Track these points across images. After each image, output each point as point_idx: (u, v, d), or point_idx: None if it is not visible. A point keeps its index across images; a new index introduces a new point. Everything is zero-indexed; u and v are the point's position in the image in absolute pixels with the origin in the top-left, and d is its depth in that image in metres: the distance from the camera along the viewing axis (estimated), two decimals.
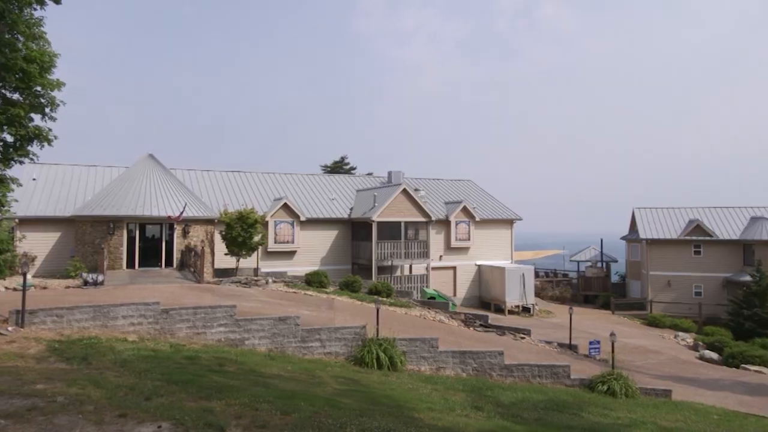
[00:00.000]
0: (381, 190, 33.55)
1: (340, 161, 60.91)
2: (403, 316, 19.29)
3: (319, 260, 31.62)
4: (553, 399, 11.60)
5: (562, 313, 29.98)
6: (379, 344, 12.66)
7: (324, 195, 34.76)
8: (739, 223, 40.11)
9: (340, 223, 32.73)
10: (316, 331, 13.22)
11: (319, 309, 17.23)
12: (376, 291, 23.64)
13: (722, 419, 12.41)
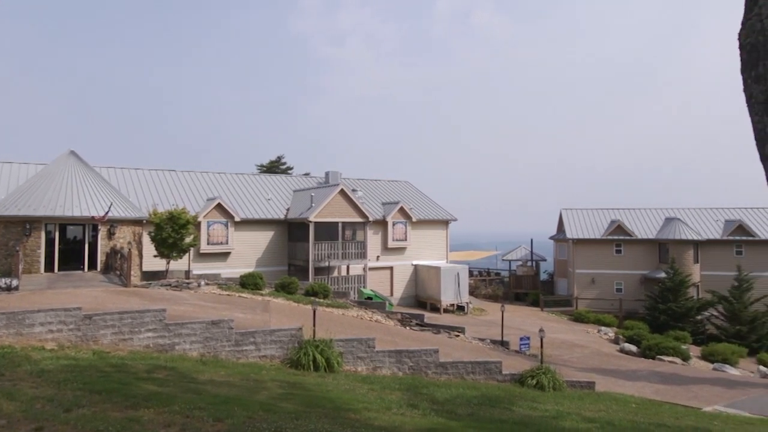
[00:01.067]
0: (318, 190, 33.34)
1: (276, 161, 59.97)
2: (340, 317, 19.25)
3: (254, 262, 30.99)
4: (485, 394, 11.95)
5: (495, 310, 30.94)
6: (316, 346, 12.58)
7: (260, 195, 34.11)
8: (656, 223, 42.92)
9: (277, 223, 32.23)
10: (251, 334, 12.96)
11: (254, 311, 16.88)
12: (313, 292, 23.46)
13: (640, 407, 13.24)
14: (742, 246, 40.41)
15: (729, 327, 33.14)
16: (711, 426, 11.41)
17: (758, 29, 4.70)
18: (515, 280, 45.60)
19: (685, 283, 36.05)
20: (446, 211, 39.72)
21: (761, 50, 4.65)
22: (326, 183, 36.48)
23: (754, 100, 4.66)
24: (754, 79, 4.67)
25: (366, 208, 33.14)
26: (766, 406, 15.39)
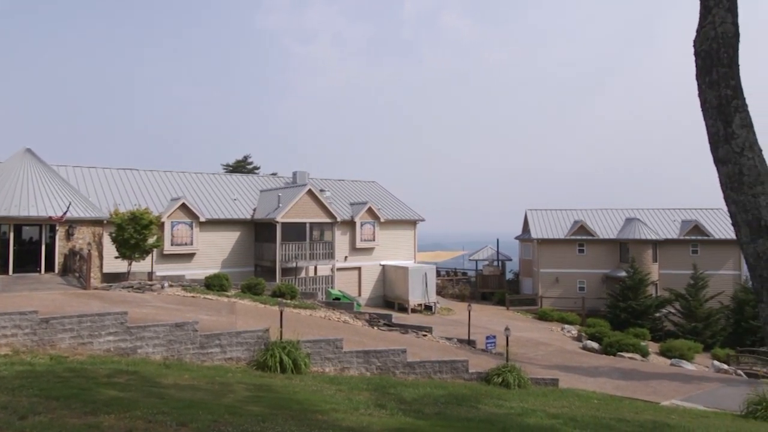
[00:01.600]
0: (286, 190, 33.05)
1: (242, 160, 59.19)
2: (307, 318, 19.13)
3: (219, 263, 30.50)
4: (452, 393, 12.07)
5: (462, 310, 31.26)
6: (283, 347, 12.47)
7: (226, 195, 33.60)
8: (616, 223, 44.13)
9: (243, 224, 31.80)
10: (216, 336, 12.75)
11: (219, 313, 16.61)
12: (280, 293, 23.24)
13: (601, 403, 13.60)
14: (698, 245, 41.93)
15: (685, 324, 34.35)
16: (669, 420, 11.79)
17: (712, 37, 4.90)
18: (482, 280, 46.18)
19: (645, 281, 37.19)
20: (414, 211, 39.93)
21: (715, 57, 4.84)
22: (294, 183, 36.20)
23: (708, 104, 4.86)
24: (708, 84, 4.86)
25: (334, 209, 33.03)
26: (720, 400, 16.01)
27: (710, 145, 4.80)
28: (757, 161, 4.48)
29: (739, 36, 4.84)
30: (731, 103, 4.67)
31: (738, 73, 4.79)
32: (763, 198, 4.35)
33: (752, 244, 4.35)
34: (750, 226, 4.37)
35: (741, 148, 4.54)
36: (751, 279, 4.44)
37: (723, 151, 4.62)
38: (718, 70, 4.80)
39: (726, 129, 4.64)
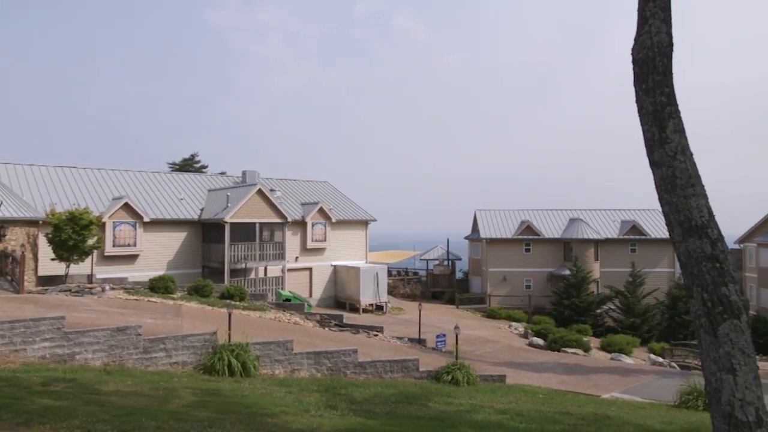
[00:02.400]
0: (235, 190, 32.38)
1: (190, 159, 57.59)
2: (257, 320, 18.81)
3: (165, 264, 29.54)
4: (403, 392, 12.15)
5: (413, 309, 31.55)
6: (231, 350, 12.20)
7: (172, 194, 32.58)
8: (561, 223, 45.67)
9: (190, 224, 30.93)
10: (161, 340, 12.33)
11: (164, 316, 16.09)
12: (228, 295, 22.75)
13: (546, 397, 14.03)
14: (636, 244, 43.96)
15: (624, 319, 35.94)
16: (609, 411, 12.30)
17: (648, 46, 5.15)
18: (432, 279, 46.75)
19: (587, 279, 38.67)
20: (366, 211, 39.97)
21: (651, 65, 5.09)
22: (243, 183, 35.51)
23: (644, 110, 5.10)
24: (645, 91, 5.11)
25: (284, 209, 32.62)
26: (656, 391, 16.82)
27: (646, 149, 5.05)
28: (688, 164, 4.74)
29: (672, 46, 5.11)
30: (665, 109, 4.92)
31: (671, 81, 5.06)
32: (694, 199, 4.61)
33: (684, 243, 4.60)
34: (682, 226, 4.62)
35: (674, 152, 4.79)
36: (683, 276, 4.69)
37: (658, 155, 4.86)
38: (653, 78, 5.05)
39: (661, 134, 4.89)
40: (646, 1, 5.15)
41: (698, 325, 4.43)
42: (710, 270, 4.37)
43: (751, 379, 4.13)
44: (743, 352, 4.19)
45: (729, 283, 4.34)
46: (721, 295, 4.30)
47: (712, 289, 4.33)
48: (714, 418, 4.24)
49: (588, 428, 9.86)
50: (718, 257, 4.40)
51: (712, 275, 4.36)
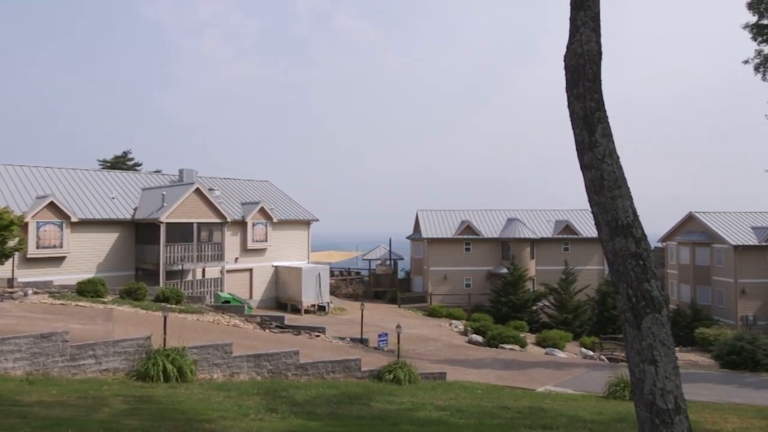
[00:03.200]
0: (171, 189, 31.25)
1: (122, 156, 55.09)
2: (194, 323, 18.25)
3: (95, 267, 28.11)
4: (345, 392, 12.14)
5: (355, 309, 31.56)
6: (167, 355, 11.77)
7: (102, 193, 31.03)
8: (499, 223, 46.98)
9: (122, 224, 29.57)
10: (90, 347, 11.73)
11: (94, 321, 15.32)
12: (164, 298, 21.94)
13: (485, 393, 14.42)
14: (569, 243, 45.90)
15: (558, 315, 37.44)
16: (543, 404, 12.78)
17: (579, 53, 5.39)
18: (375, 279, 46.93)
19: (523, 277, 40.01)
20: (308, 211, 39.60)
21: (581, 72, 5.33)
22: (180, 181, 34.31)
23: (575, 115, 5.33)
24: (576, 96, 5.34)
25: (224, 208, 31.80)
26: (587, 383, 17.64)
27: (577, 152, 5.28)
28: (615, 167, 5.00)
29: (601, 54, 5.37)
30: (595, 114, 5.16)
31: (600, 88, 5.32)
32: (620, 201, 4.87)
33: (611, 242, 4.85)
34: (609, 226, 4.86)
35: (602, 155, 5.04)
36: (610, 273, 4.94)
37: (587, 158, 5.09)
38: (584, 84, 5.29)
39: (590, 138, 5.13)
40: (577, 11, 5.39)
41: (624, 319, 4.68)
42: (634, 267, 4.63)
43: (671, 369, 4.41)
44: (664, 344, 4.46)
45: (651, 279, 4.61)
46: (644, 291, 4.56)
47: (636, 285, 4.59)
48: (638, 406, 4.50)
49: (524, 421, 10.21)
50: (641, 255, 4.67)
51: (636, 272, 4.62)
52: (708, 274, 42.66)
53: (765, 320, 38.90)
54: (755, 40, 26.37)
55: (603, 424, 10.21)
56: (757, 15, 26.21)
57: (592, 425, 10.00)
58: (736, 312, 39.65)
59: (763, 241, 40.41)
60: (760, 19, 26.14)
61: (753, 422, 11.20)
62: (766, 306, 39.83)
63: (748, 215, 43.96)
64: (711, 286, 42.32)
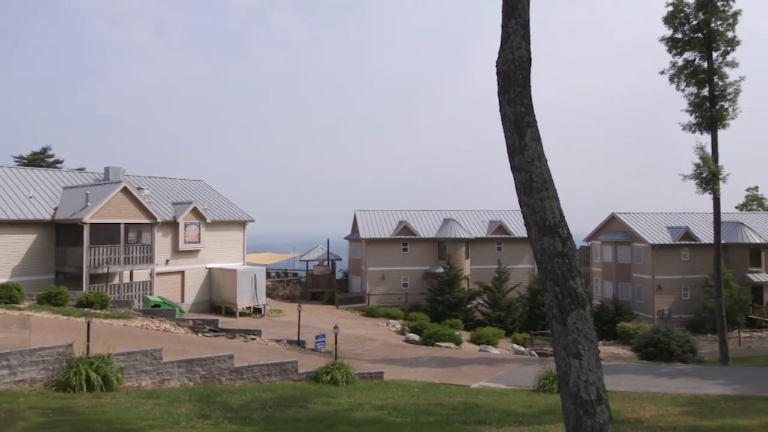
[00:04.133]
0: (96, 187, 29.65)
1: (41, 153, 51.70)
2: (121, 329, 17.40)
3: (9, 270, 26.22)
4: (281, 395, 11.96)
5: (292, 311, 31.17)
6: (90, 363, 11.14)
7: (18, 192, 28.97)
8: (435, 223, 47.84)
9: (41, 225, 27.74)
10: (4, 357, 10.91)
11: (8, 330, 14.28)
12: (87, 303, 20.78)
13: (421, 391, 14.63)
14: (502, 243, 47.44)
15: (491, 313, 38.60)
16: (477, 400, 13.13)
17: (510, 59, 5.58)
18: (312, 280, 46.55)
19: (459, 276, 40.97)
20: (243, 211, 38.71)
21: (512, 77, 5.53)
22: (106, 180, 32.61)
23: (506, 119, 5.52)
24: (507, 101, 5.53)
25: (154, 208, 30.52)
26: (518, 378, 18.27)
27: (508, 155, 5.48)
28: (543, 170, 5.22)
29: (531, 60, 5.59)
30: (524, 119, 5.37)
31: (530, 93, 5.53)
32: (548, 202, 5.09)
33: (539, 242, 5.06)
34: (538, 226, 5.08)
35: (531, 158, 5.25)
36: (538, 271, 5.16)
37: (518, 161, 5.29)
38: (514, 89, 5.49)
39: (520, 141, 5.33)
40: (509, 18, 5.58)
41: (551, 315, 4.89)
42: (561, 266, 4.86)
43: (594, 362, 4.66)
44: (587, 338, 4.71)
45: (576, 277, 4.85)
46: (570, 288, 4.79)
47: (562, 283, 4.82)
48: (563, 398, 4.72)
49: (459, 417, 10.45)
50: (567, 254, 4.90)
51: (562, 270, 4.84)
52: (629, 272, 45.35)
53: (679, 314, 41.85)
54: (670, 53, 28.37)
55: (533, 416, 10.61)
56: (672, 29, 28.21)
57: (522, 418, 10.38)
58: (653, 306, 42.40)
59: (677, 240, 43.43)
60: (674, 33, 28.13)
61: (668, 409, 11.99)
62: (679, 300, 42.86)
63: (664, 216, 47.12)
64: (631, 283, 45.03)
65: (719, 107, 26.87)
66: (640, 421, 10.24)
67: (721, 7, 26.59)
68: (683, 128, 27.96)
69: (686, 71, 27.56)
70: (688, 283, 42.70)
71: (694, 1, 27.12)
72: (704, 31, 26.99)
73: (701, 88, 27.35)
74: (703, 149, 26.87)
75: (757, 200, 70.14)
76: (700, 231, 43.62)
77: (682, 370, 20.12)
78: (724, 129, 27.13)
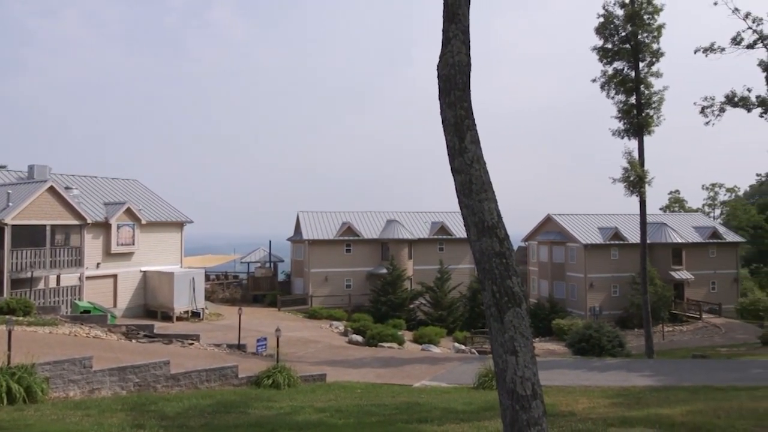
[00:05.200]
0: (18, 186, 27.84)
1: None
2: (47, 337, 16.42)
3: None
4: (221, 401, 11.66)
5: (233, 314, 30.45)
6: (12, 373, 10.44)
7: None
8: (379, 224, 48.06)
9: None
10: None
11: None
12: (8, 309, 19.49)
13: (364, 392, 14.65)
14: (444, 244, 48.26)
15: (433, 312, 39.21)
16: (419, 399, 13.29)
17: (451, 63, 5.69)
18: (253, 282, 45.64)
19: (402, 277, 41.35)
20: (181, 212, 37.43)
21: (452, 81, 5.64)
22: (30, 179, 30.66)
23: (447, 122, 5.62)
24: (448, 104, 5.64)
25: (83, 209, 28.99)
26: (459, 376, 18.64)
27: (449, 157, 5.58)
28: (482, 172, 5.36)
29: (470, 65, 5.72)
30: (464, 122, 5.49)
31: (469, 97, 5.66)
32: (486, 203, 5.22)
33: (478, 242, 5.18)
34: (477, 227, 5.20)
35: (471, 160, 5.37)
36: (477, 271, 5.28)
37: (458, 163, 5.40)
38: (454, 93, 5.60)
39: (460, 144, 5.44)
40: (449, 23, 5.69)
41: (489, 314, 5.03)
42: (498, 265, 5.00)
43: (529, 358, 4.82)
44: (523, 336, 4.87)
45: (513, 276, 5.00)
46: (507, 287, 4.94)
47: (500, 282, 4.96)
48: (500, 394, 4.86)
49: (401, 416, 10.54)
50: (504, 254, 5.05)
51: (499, 270, 4.98)
52: (563, 271, 47.27)
53: (609, 310, 44.04)
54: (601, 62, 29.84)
55: (473, 413, 10.85)
56: (603, 39, 29.68)
57: (462, 415, 10.60)
58: (585, 304, 44.41)
59: (607, 240, 45.66)
60: (605, 43, 29.61)
61: (599, 401, 12.58)
62: (609, 297, 45.09)
63: (596, 217, 49.43)
64: (565, 281, 46.95)
65: (645, 114, 28.51)
66: (574, 413, 10.68)
67: (647, 20, 28.23)
68: (613, 134, 29.48)
69: (616, 80, 29.06)
70: (617, 281, 45.01)
71: (623, 14, 28.64)
72: (632, 42, 28.56)
73: (629, 96, 28.92)
74: (630, 154, 28.41)
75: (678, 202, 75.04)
76: (628, 231, 46.05)
77: (611, 364, 21.17)
78: (649, 135, 28.81)
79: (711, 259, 48.29)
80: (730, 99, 44.59)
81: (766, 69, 31.72)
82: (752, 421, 9.23)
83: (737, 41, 43.59)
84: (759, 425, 8.96)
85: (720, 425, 8.92)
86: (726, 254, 49.01)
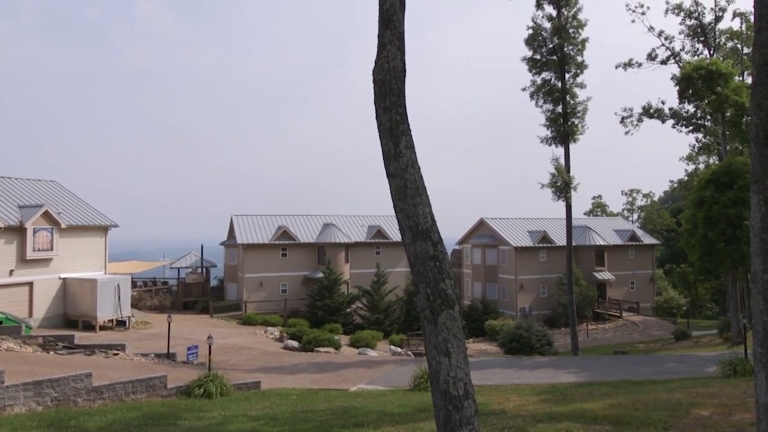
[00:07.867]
0: None
1: None
2: None
3: None
4: (148, 413, 11.15)
5: (162, 322, 29.19)
6: None
7: None
8: (315, 228, 47.66)
9: None
10: None
11: None
12: None
13: (300, 398, 14.45)
14: (380, 247, 48.52)
15: (370, 316, 39.29)
16: (355, 403, 13.27)
17: (386, 69, 5.75)
18: (184, 289, 43.97)
19: (338, 281, 41.16)
20: (104, 216, 35.48)
21: (388, 87, 5.69)
22: None
23: (383, 127, 5.67)
24: (383, 109, 5.69)
25: None
26: (395, 378, 18.78)
27: (384, 162, 5.62)
28: (417, 177, 5.44)
29: (405, 71, 5.80)
30: (399, 127, 5.56)
31: (404, 102, 5.74)
32: (421, 207, 5.30)
33: (413, 246, 5.25)
34: (412, 231, 5.27)
35: (406, 165, 5.44)
36: (412, 274, 5.35)
37: (393, 167, 5.46)
38: (390, 98, 5.66)
39: (395, 149, 5.50)
40: (384, 29, 5.75)
41: (423, 316, 5.10)
42: (432, 269, 5.08)
43: (462, 359, 4.93)
44: (456, 337, 4.97)
45: (446, 279, 5.10)
46: (440, 290, 5.03)
47: (434, 285, 5.05)
48: (434, 395, 4.94)
49: (337, 421, 10.48)
50: (438, 257, 5.14)
51: (433, 273, 5.07)
52: (495, 273, 48.75)
53: (538, 310, 45.84)
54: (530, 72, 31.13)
55: (408, 415, 10.96)
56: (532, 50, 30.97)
57: (398, 417, 10.68)
58: (516, 304, 46.00)
59: (536, 243, 47.53)
60: (534, 54, 30.91)
61: (529, 398, 13.06)
62: (538, 298, 46.95)
63: (526, 221, 51.35)
64: (498, 283, 48.45)
65: (571, 123, 29.98)
66: (505, 411, 11.02)
67: (573, 33, 29.76)
68: (541, 141, 30.81)
69: (544, 89, 30.41)
70: (545, 282, 46.95)
71: (550, 27, 30.02)
72: (559, 54, 29.98)
73: (556, 105, 30.34)
74: (557, 161, 29.77)
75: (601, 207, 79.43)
76: (555, 234, 48.14)
77: (541, 362, 22.04)
78: (574, 143, 30.32)
79: (630, 261, 51.38)
80: (647, 111, 47.70)
81: (678, 84, 34.21)
82: (667, 412, 9.88)
83: (652, 57, 46.78)
84: (672, 415, 9.61)
85: (638, 417, 9.48)
86: (643, 256, 52.31)
